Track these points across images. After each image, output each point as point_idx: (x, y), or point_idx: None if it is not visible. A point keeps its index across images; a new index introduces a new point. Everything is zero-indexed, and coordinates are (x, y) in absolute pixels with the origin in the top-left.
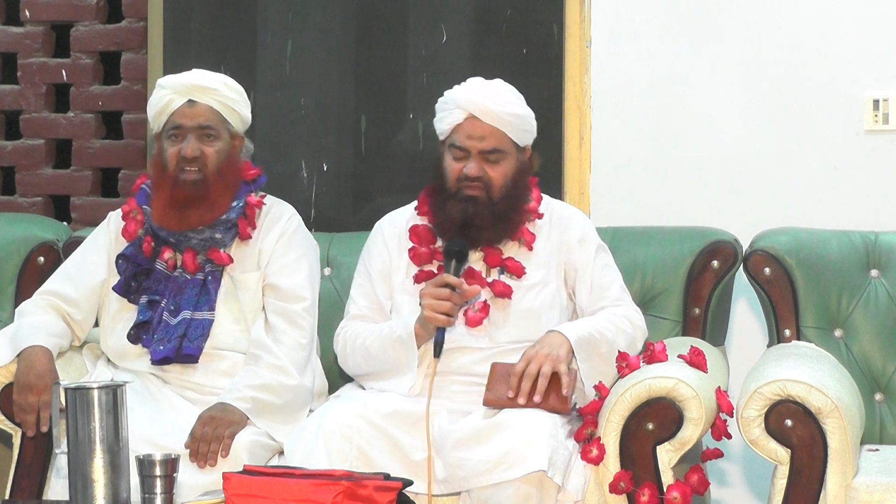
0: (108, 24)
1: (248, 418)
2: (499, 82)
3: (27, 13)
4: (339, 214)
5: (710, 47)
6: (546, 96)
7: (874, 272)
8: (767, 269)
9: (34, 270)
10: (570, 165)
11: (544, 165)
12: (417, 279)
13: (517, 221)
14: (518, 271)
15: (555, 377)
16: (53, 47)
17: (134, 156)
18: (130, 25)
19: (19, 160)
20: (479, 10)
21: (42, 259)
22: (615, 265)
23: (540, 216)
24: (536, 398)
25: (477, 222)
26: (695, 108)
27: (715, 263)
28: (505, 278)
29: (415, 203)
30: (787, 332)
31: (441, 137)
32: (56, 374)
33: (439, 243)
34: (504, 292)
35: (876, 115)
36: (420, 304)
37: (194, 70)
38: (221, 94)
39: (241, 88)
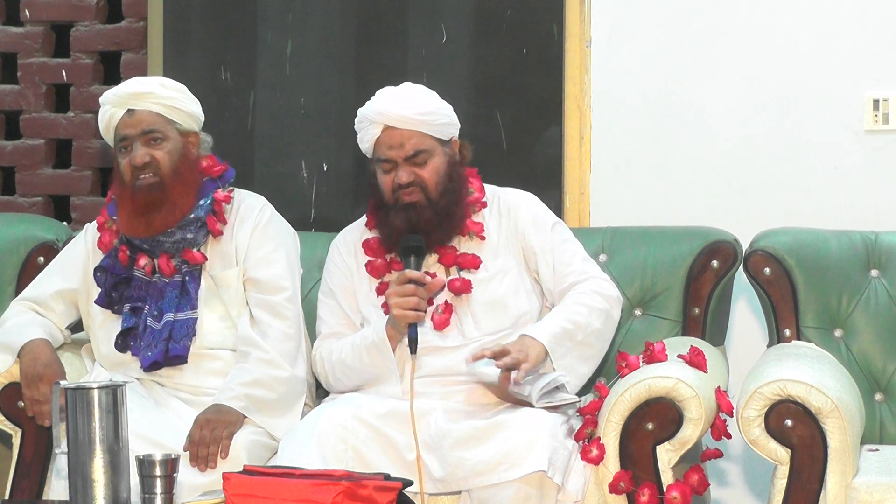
0: (108, 24)
1: (244, 417)
2: (406, 86)
3: (27, 13)
4: (339, 214)
5: (710, 47)
6: (546, 96)
7: (874, 272)
8: (767, 269)
9: (34, 270)
10: (570, 165)
11: (544, 165)
12: (380, 291)
13: (461, 215)
14: (474, 264)
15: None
16: (53, 47)
17: None
18: (130, 25)
19: (19, 160)
20: (479, 10)
21: (42, 259)
22: (573, 237)
23: (484, 205)
24: (507, 360)
25: (422, 226)
26: (695, 108)
27: (715, 263)
28: (464, 274)
29: (364, 218)
30: (787, 332)
31: (368, 156)
32: (60, 362)
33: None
34: (462, 289)
35: (876, 115)
36: (387, 306)
37: (131, 79)
38: (158, 96)
39: (180, 86)
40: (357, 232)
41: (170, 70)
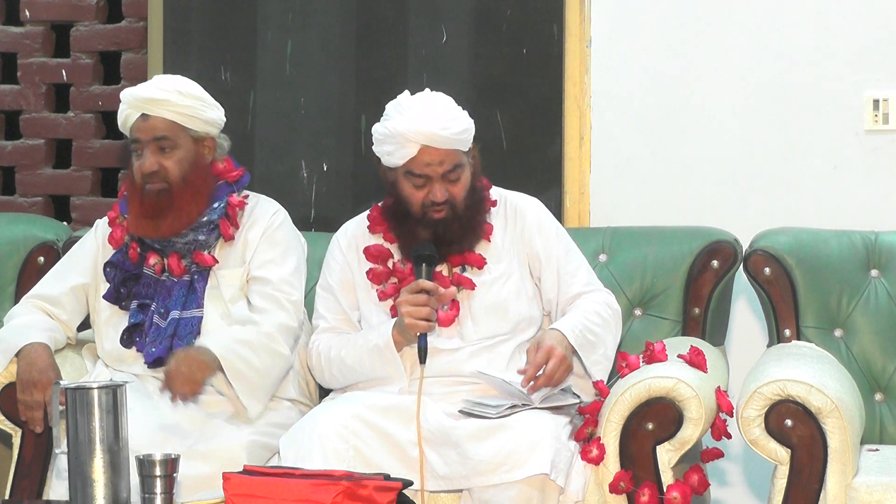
0: (108, 24)
1: (220, 367)
2: (439, 101)
3: (27, 13)
4: (339, 214)
5: (709, 47)
6: (546, 96)
7: (874, 272)
8: (767, 269)
9: (34, 270)
10: (570, 165)
11: (544, 165)
12: (382, 297)
13: (483, 221)
14: (479, 263)
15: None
16: (53, 47)
17: None
18: (130, 25)
19: (19, 160)
20: (479, 10)
21: (42, 259)
22: (576, 247)
23: (494, 204)
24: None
25: (447, 238)
26: (695, 108)
27: (715, 263)
28: (468, 273)
29: (366, 214)
30: (787, 332)
31: (390, 166)
32: (57, 369)
33: (396, 258)
34: (463, 282)
35: (876, 115)
36: (399, 313)
37: (153, 79)
38: (175, 105)
39: (199, 93)
40: (358, 230)
41: (170, 70)
